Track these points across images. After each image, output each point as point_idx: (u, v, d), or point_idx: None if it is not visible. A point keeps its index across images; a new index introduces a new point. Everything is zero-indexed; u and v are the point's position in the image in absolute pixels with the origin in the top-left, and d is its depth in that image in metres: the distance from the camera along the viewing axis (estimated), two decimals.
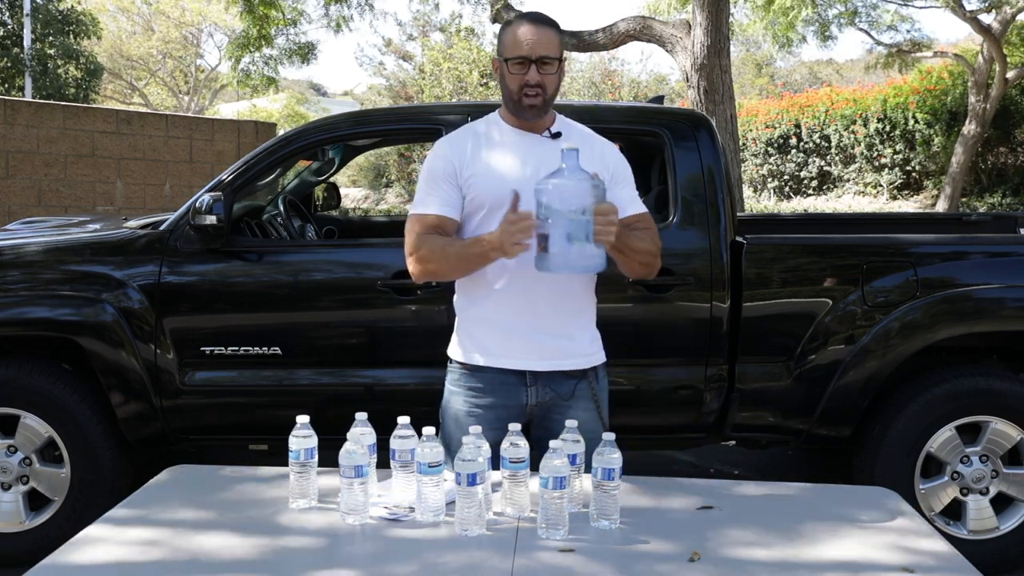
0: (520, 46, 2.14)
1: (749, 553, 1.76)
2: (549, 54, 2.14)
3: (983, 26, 11.63)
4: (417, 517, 1.89)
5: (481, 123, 2.29)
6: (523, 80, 2.14)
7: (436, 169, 2.22)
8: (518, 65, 2.14)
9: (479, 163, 2.18)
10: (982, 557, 2.76)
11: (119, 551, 1.74)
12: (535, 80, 2.14)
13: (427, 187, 2.22)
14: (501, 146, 2.22)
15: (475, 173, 2.17)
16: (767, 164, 15.34)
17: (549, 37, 2.15)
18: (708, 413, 3.22)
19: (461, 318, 2.28)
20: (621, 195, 2.21)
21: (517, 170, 2.17)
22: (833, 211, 12.81)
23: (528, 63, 2.13)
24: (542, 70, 2.14)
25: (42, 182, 9.59)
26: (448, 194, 2.19)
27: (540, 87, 2.14)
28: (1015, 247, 3.34)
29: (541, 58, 2.13)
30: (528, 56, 2.13)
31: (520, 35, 2.14)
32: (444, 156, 2.22)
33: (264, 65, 11.74)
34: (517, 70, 2.14)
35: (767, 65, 29.72)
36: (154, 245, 3.22)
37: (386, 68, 24.24)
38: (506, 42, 2.18)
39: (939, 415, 3.14)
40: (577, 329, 2.24)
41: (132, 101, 27.41)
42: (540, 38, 2.14)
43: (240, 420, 3.28)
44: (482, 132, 2.25)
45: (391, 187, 19.84)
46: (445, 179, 2.19)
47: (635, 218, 2.22)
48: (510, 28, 2.19)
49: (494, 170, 2.17)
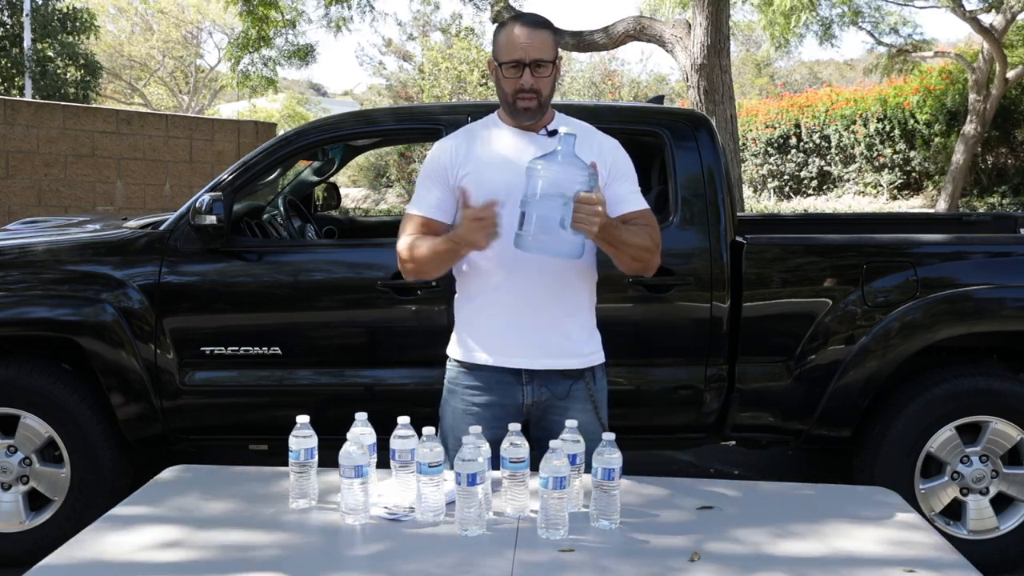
0: (514, 50, 2.13)
1: (749, 553, 1.76)
2: (543, 57, 2.13)
3: (983, 26, 11.63)
4: (417, 517, 1.89)
5: (480, 123, 2.30)
6: (518, 84, 2.13)
7: (428, 169, 2.25)
8: (512, 69, 2.13)
9: (473, 162, 2.19)
10: (982, 557, 2.76)
11: (119, 551, 1.74)
12: (529, 84, 2.13)
13: (420, 186, 2.25)
14: (497, 146, 2.22)
15: (469, 172, 2.18)
16: (767, 164, 15.34)
17: (543, 39, 2.14)
18: (708, 413, 3.22)
19: (460, 316, 2.28)
20: (620, 190, 2.20)
21: (511, 169, 2.15)
22: (833, 211, 12.81)
23: (522, 67, 2.12)
24: (536, 73, 2.13)
25: (42, 182, 9.59)
26: (437, 196, 2.21)
27: (535, 91, 2.14)
28: (1015, 247, 3.34)
29: (535, 61, 2.12)
30: (522, 60, 2.12)
31: (514, 38, 2.13)
32: (437, 157, 2.24)
33: (263, 66, 11.74)
34: (511, 74, 2.14)
35: (767, 65, 29.71)
36: (154, 245, 3.22)
37: (386, 68, 24.27)
38: (500, 45, 2.17)
39: (939, 415, 3.14)
40: (574, 329, 2.24)
41: (132, 101, 27.41)
42: (534, 41, 2.12)
43: (240, 420, 3.28)
44: (479, 132, 2.26)
45: (391, 187, 19.83)
46: (436, 180, 2.22)
47: (635, 214, 2.21)
48: (504, 31, 2.18)
49: (488, 169, 2.18)
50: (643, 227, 2.19)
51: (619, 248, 2.10)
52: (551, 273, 2.16)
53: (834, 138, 14.36)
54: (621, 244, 2.09)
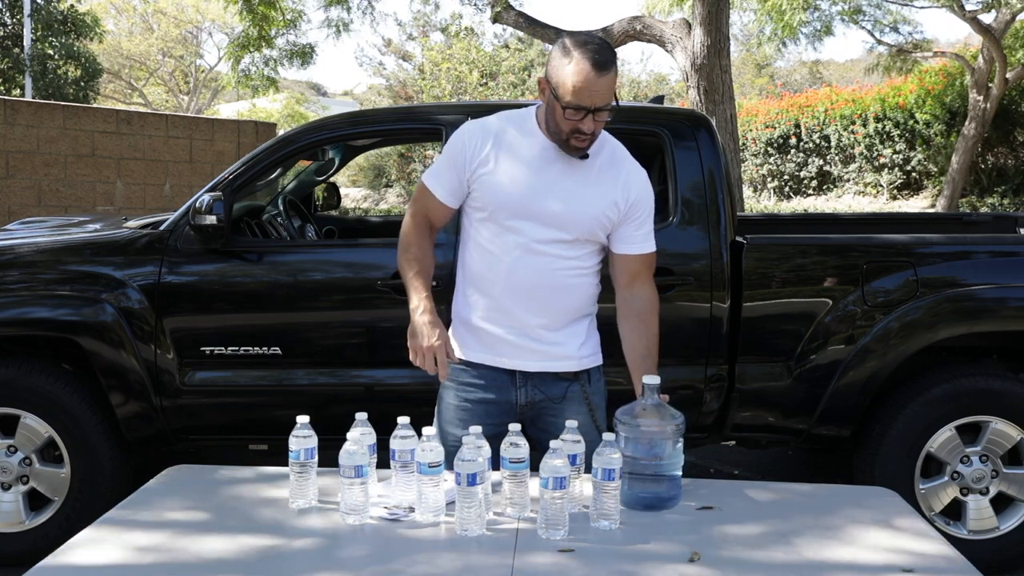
0: (580, 94, 1.98)
1: (749, 553, 1.76)
2: (607, 103, 2.02)
3: (983, 26, 11.62)
4: (417, 517, 1.89)
5: (516, 119, 2.18)
6: (576, 126, 2.03)
7: (453, 150, 2.18)
8: (574, 111, 2.01)
9: (491, 164, 2.14)
10: (982, 557, 2.77)
11: (119, 551, 1.74)
12: (589, 129, 2.04)
13: (442, 161, 2.21)
14: (521, 154, 2.14)
15: (486, 173, 2.14)
16: (767, 164, 15.34)
17: (610, 84, 2.01)
18: (708, 413, 3.22)
19: (457, 314, 2.29)
20: (634, 232, 2.21)
21: (525, 185, 2.12)
22: (833, 211, 12.80)
23: (585, 112, 2.01)
24: (597, 117, 2.03)
25: (42, 182, 9.59)
26: (452, 182, 2.18)
27: (592, 135, 2.07)
28: (1015, 247, 3.34)
29: (599, 108, 2.02)
30: (589, 107, 2.00)
31: (582, 81, 1.98)
32: (464, 143, 2.16)
33: (264, 66, 11.73)
34: (572, 116, 2.01)
35: (767, 65, 29.70)
36: (154, 245, 3.22)
37: (386, 68, 24.27)
38: (564, 80, 2.00)
39: (939, 415, 3.14)
40: (570, 333, 2.23)
41: (132, 101, 27.40)
42: (603, 88, 1.99)
43: (240, 420, 3.28)
44: (511, 131, 2.16)
45: (391, 187, 19.83)
46: (455, 166, 2.17)
47: (640, 259, 2.22)
48: (571, 64, 1.99)
49: (503, 177, 2.13)
50: (653, 327, 2.25)
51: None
52: (548, 280, 2.16)
53: (834, 138, 14.35)
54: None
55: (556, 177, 2.13)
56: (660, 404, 1.98)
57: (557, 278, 2.16)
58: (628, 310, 2.24)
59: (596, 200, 2.15)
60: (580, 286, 2.21)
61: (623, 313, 2.25)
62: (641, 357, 2.20)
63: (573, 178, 2.14)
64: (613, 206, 2.16)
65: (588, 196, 2.14)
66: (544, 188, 2.12)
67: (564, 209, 2.12)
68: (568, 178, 2.14)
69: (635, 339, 2.22)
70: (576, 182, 2.14)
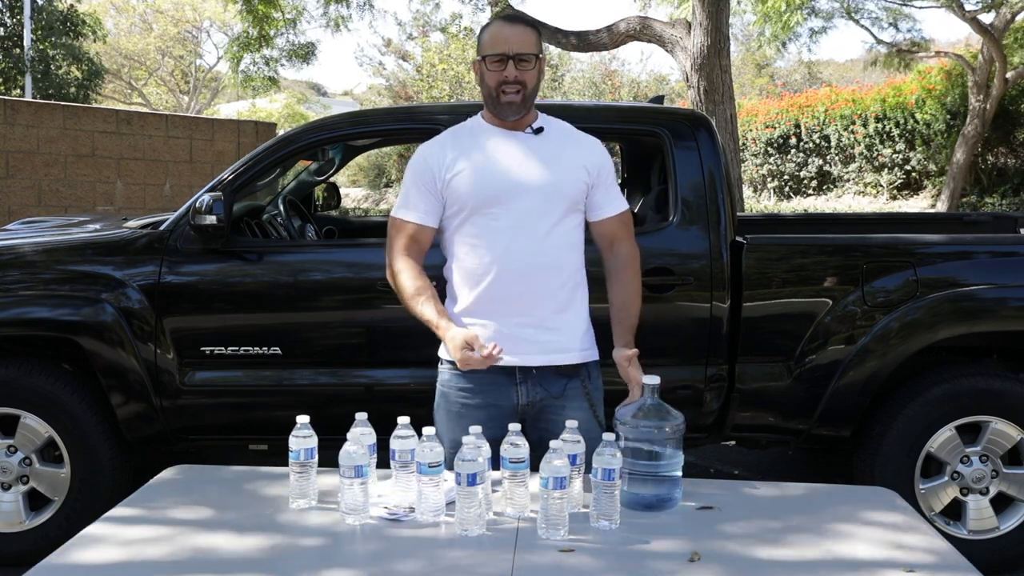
0: (497, 43, 2.19)
1: (749, 553, 1.76)
2: (526, 51, 2.18)
3: (983, 26, 11.62)
4: (417, 517, 1.89)
5: (464, 125, 2.33)
6: (501, 76, 2.18)
7: (415, 173, 2.26)
8: (496, 62, 2.18)
9: (459, 164, 2.21)
10: (982, 557, 2.76)
11: (119, 551, 1.74)
12: (513, 76, 2.18)
13: (408, 190, 2.27)
14: (483, 146, 2.24)
15: (456, 174, 2.20)
16: (767, 164, 15.34)
17: (526, 34, 2.20)
18: (708, 413, 3.21)
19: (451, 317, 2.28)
20: (605, 196, 2.30)
21: (499, 169, 2.21)
22: (833, 211, 12.81)
23: (506, 60, 2.17)
24: (520, 67, 2.18)
25: (42, 182, 9.59)
26: (426, 201, 2.23)
27: (519, 83, 2.18)
28: (1015, 247, 3.34)
29: (518, 55, 2.17)
30: (506, 53, 2.17)
31: (497, 33, 2.20)
32: (423, 160, 2.26)
33: (265, 66, 11.73)
34: (495, 67, 2.18)
35: (767, 65, 29.68)
36: (154, 245, 3.22)
37: (386, 68, 24.25)
38: (484, 41, 2.23)
39: (939, 415, 3.14)
40: (567, 323, 2.25)
41: (132, 101, 27.41)
42: (517, 35, 2.19)
43: (240, 420, 3.27)
44: (464, 134, 2.29)
45: (391, 187, 19.84)
46: (424, 184, 2.24)
47: (616, 220, 2.31)
48: (487, 28, 2.26)
49: (475, 171, 2.20)
50: (630, 283, 2.31)
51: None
52: (541, 258, 2.19)
53: (834, 138, 14.35)
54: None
55: (523, 156, 2.22)
56: (660, 404, 1.99)
57: (549, 256, 2.21)
58: (610, 270, 2.34)
59: (568, 166, 2.25)
60: (571, 262, 2.26)
61: (608, 276, 2.35)
62: (617, 310, 2.30)
63: (539, 152, 2.24)
64: (583, 170, 2.26)
65: (559, 164, 2.24)
66: (516, 166, 2.21)
67: (542, 181, 2.21)
68: (534, 153, 2.23)
69: (612, 294, 2.32)
70: (543, 156, 2.24)
